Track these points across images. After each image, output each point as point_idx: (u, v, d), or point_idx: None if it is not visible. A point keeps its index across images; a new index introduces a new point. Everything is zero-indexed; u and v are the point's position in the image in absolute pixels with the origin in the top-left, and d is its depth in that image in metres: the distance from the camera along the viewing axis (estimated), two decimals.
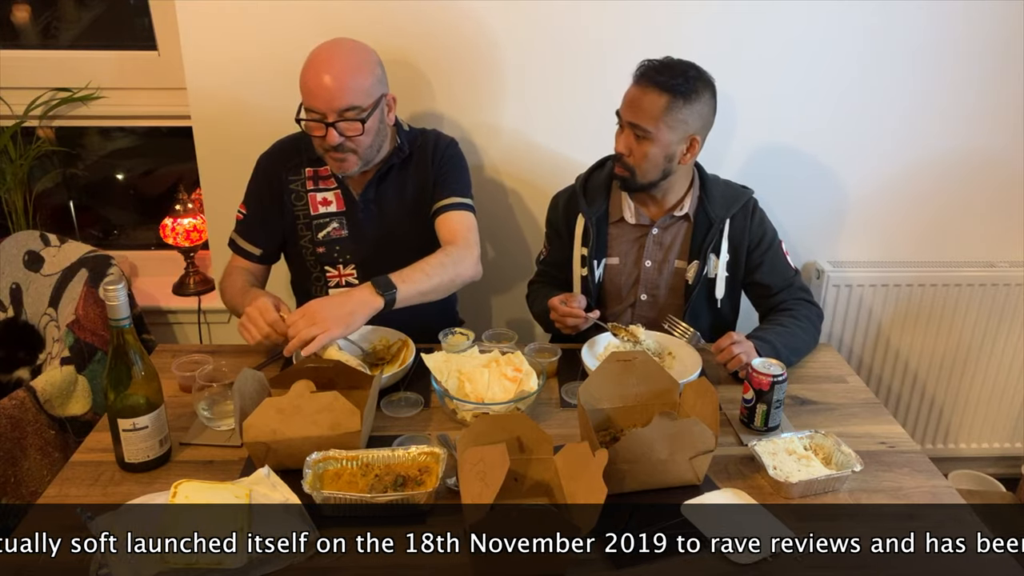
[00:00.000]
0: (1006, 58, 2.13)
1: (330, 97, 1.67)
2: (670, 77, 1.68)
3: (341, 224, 1.88)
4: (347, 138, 1.71)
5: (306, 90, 1.70)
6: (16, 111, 2.26)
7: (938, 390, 2.45)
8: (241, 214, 1.92)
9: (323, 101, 1.68)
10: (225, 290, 1.90)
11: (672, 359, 1.74)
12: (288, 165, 1.88)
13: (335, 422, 1.34)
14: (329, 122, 1.69)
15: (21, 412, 1.74)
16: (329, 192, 1.88)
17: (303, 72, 1.71)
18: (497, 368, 1.58)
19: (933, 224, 2.33)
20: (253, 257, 1.92)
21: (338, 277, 1.92)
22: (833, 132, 2.20)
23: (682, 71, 1.69)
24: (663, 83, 1.67)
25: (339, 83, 1.68)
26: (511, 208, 2.26)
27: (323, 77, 1.67)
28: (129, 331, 1.31)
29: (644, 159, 1.73)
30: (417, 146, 1.91)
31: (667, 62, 1.72)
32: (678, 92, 1.68)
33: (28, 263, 2.14)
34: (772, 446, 1.41)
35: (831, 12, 2.07)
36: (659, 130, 1.69)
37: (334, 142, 1.70)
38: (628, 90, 1.74)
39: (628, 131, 1.74)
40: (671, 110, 1.68)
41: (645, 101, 1.69)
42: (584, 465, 1.21)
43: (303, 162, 1.88)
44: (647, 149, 1.72)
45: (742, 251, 1.86)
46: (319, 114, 1.69)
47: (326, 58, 1.70)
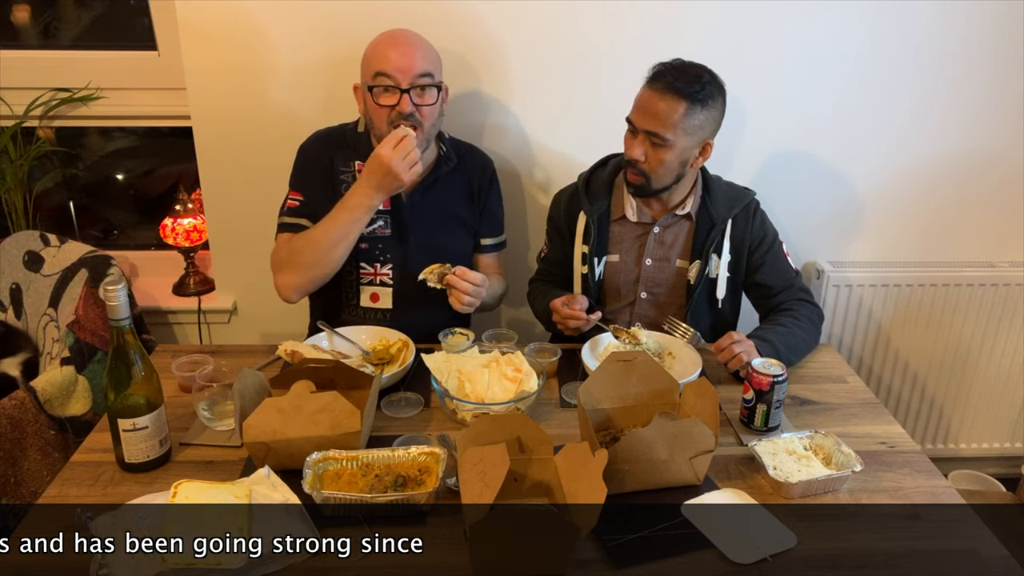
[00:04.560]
0: (1006, 58, 2.13)
1: (409, 62, 1.72)
2: (687, 84, 1.65)
3: (386, 223, 1.88)
4: (417, 107, 1.74)
5: (381, 58, 1.73)
6: (16, 111, 2.26)
7: (938, 390, 2.45)
8: (296, 200, 1.87)
9: (401, 66, 1.72)
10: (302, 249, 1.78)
11: (672, 359, 1.74)
12: (338, 155, 1.88)
13: (335, 422, 1.34)
14: (404, 88, 1.72)
15: (21, 412, 1.74)
16: None
17: (374, 47, 1.76)
18: (497, 368, 1.58)
19: (933, 224, 2.33)
20: None
21: (373, 275, 1.90)
22: (833, 132, 2.20)
23: (697, 76, 1.67)
24: (681, 90, 1.65)
25: (417, 49, 1.75)
26: (513, 209, 2.26)
27: (400, 44, 1.74)
28: (129, 331, 1.31)
29: (660, 165, 1.72)
30: (463, 158, 1.94)
31: (681, 66, 1.69)
32: (696, 99, 1.66)
33: (28, 263, 2.14)
34: (772, 446, 1.41)
35: (830, 13, 2.07)
36: (677, 137, 1.68)
37: (407, 109, 1.73)
38: (641, 95, 1.71)
39: (643, 137, 1.71)
40: (689, 117, 1.66)
41: (663, 108, 1.66)
42: (584, 465, 1.21)
43: (354, 155, 1.87)
44: (664, 156, 1.70)
45: (743, 252, 1.86)
46: (393, 80, 1.72)
47: (399, 33, 1.77)
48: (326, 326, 1.79)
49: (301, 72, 2.08)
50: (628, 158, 1.75)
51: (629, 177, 1.78)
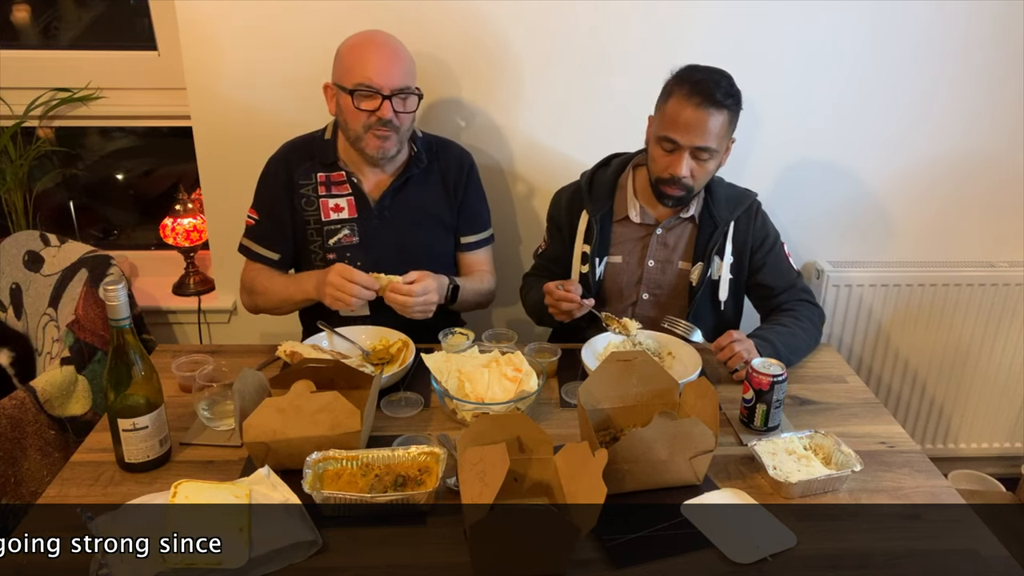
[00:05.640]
0: (1005, 58, 2.13)
1: (391, 72, 1.74)
2: (724, 94, 1.68)
3: (352, 231, 1.87)
4: (396, 114, 1.75)
5: (364, 64, 1.73)
6: (16, 111, 2.26)
7: (938, 390, 2.46)
8: (252, 219, 1.90)
9: (383, 75, 1.73)
10: (262, 292, 1.88)
11: (672, 359, 1.74)
12: (299, 168, 1.87)
13: (335, 422, 1.34)
14: (386, 95, 1.73)
15: (21, 412, 1.74)
16: (342, 198, 1.87)
17: (353, 50, 1.75)
18: (497, 368, 1.58)
19: (933, 224, 2.33)
20: (270, 262, 1.90)
21: None
22: (833, 132, 2.20)
23: (722, 83, 1.68)
24: (721, 101, 1.67)
25: (399, 59, 1.77)
26: (513, 209, 2.26)
27: (384, 52, 1.75)
28: (129, 331, 1.31)
29: (704, 175, 1.76)
30: (435, 156, 1.92)
31: (709, 76, 1.69)
32: (732, 106, 1.70)
33: (28, 263, 2.14)
34: (772, 446, 1.41)
35: (830, 13, 2.07)
36: (720, 146, 1.72)
37: (388, 115, 1.74)
38: (682, 112, 1.67)
39: (688, 154, 1.70)
40: (730, 126, 1.73)
41: (711, 124, 1.67)
42: (584, 465, 1.21)
43: (315, 166, 1.87)
44: (709, 167, 1.74)
45: (745, 253, 1.86)
46: (374, 88, 1.73)
47: (382, 40, 1.78)
48: (326, 326, 1.79)
49: (301, 72, 2.07)
50: (672, 175, 1.73)
51: (669, 191, 1.76)
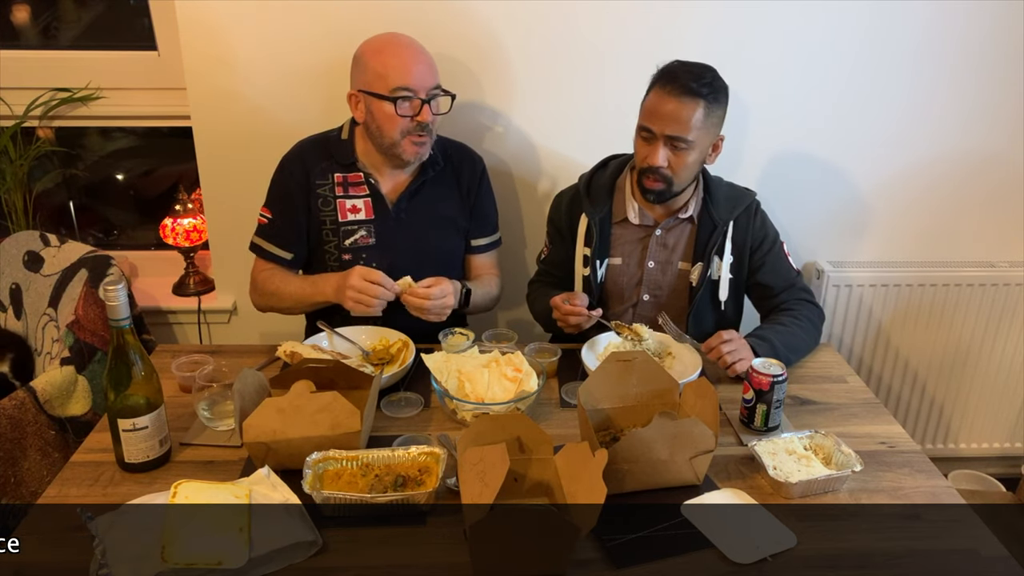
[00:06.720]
0: (1005, 58, 2.13)
1: (427, 75, 1.75)
2: (700, 84, 1.66)
3: (369, 232, 1.87)
4: (433, 117, 1.77)
5: (398, 68, 1.72)
6: (16, 111, 2.26)
7: (938, 390, 2.46)
8: (265, 218, 1.89)
9: (418, 77, 1.73)
10: (275, 293, 1.87)
11: (672, 359, 1.75)
12: (316, 168, 1.87)
13: (335, 422, 1.34)
14: (424, 99, 1.73)
15: (21, 412, 1.74)
16: (359, 199, 1.86)
17: (382, 55, 1.74)
18: (497, 368, 1.58)
19: (933, 224, 2.33)
20: (283, 262, 1.90)
21: None
22: (833, 132, 2.20)
23: (700, 74, 1.68)
24: (695, 90, 1.66)
25: (428, 59, 1.77)
26: (513, 210, 2.26)
27: (419, 56, 1.76)
28: (129, 331, 1.31)
29: (683, 168, 1.72)
30: (449, 158, 1.93)
31: (688, 66, 1.70)
32: (709, 97, 1.68)
33: (28, 263, 2.14)
34: (772, 446, 1.41)
35: (830, 13, 2.07)
36: (698, 137, 1.69)
37: (428, 119, 1.75)
38: (655, 101, 1.69)
39: (663, 143, 1.70)
40: (707, 116, 1.68)
41: (683, 112, 1.66)
42: (584, 465, 1.21)
43: (332, 167, 1.86)
44: (687, 158, 1.71)
45: (745, 252, 1.86)
46: (412, 92, 1.73)
47: (407, 42, 1.77)
48: (326, 326, 1.79)
49: (301, 72, 2.08)
50: (648, 165, 1.73)
51: (648, 184, 1.75)
